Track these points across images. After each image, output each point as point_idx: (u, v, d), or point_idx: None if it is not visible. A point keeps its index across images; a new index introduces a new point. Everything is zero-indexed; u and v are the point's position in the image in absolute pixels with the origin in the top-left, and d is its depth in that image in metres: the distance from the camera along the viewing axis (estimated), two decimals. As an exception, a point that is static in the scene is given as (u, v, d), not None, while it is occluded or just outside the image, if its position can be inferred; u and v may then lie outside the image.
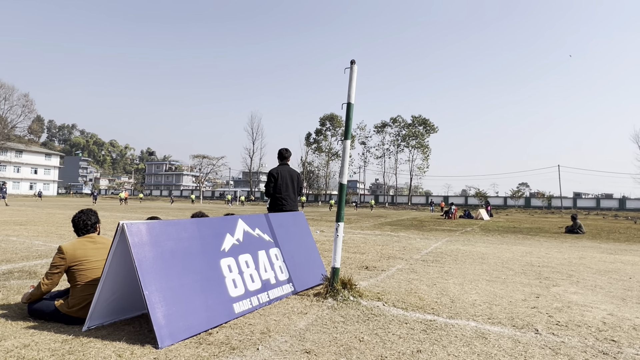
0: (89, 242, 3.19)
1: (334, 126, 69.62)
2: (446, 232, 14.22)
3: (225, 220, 3.88)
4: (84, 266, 3.06)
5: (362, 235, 11.83)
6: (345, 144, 4.31)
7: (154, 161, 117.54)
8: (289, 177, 5.45)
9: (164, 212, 24.28)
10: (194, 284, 3.14)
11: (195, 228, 3.45)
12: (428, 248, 8.82)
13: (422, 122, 64.37)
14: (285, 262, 4.29)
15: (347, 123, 4.33)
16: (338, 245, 4.19)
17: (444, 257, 7.47)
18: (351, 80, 4.31)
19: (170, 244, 3.12)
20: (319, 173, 71.62)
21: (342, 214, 4.26)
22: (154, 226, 3.06)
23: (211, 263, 3.40)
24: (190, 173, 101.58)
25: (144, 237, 2.94)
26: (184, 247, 3.22)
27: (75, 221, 3.28)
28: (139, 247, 2.86)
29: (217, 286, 3.33)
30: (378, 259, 7.00)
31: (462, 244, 9.92)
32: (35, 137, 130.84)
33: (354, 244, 9.15)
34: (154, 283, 2.83)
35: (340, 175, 4.35)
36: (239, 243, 3.83)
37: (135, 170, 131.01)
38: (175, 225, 3.28)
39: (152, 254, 2.93)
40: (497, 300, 4.23)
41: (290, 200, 5.43)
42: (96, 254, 3.15)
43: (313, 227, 14.41)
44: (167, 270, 2.97)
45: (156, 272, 2.88)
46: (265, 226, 4.34)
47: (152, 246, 2.96)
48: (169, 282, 2.94)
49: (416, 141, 64.00)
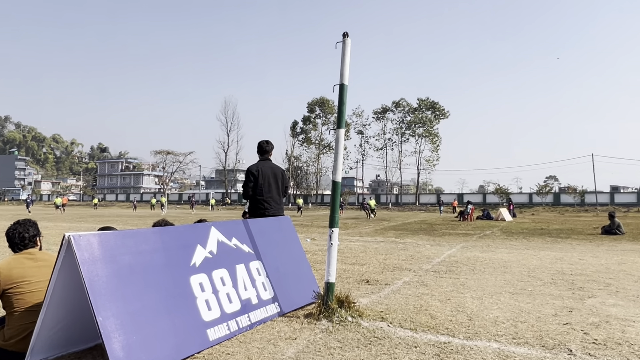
0: (28, 260, 3.15)
1: (325, 113, 69.67)
2: (461, 236, 14.34)
3: (195, 228, 3.86)
4: (23, 289, 3.02)
5: (361, 242, 11.88)
6: (338, 134, 4.30)
7: (107, 159, 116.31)
8: (272, 175, 5.44)
9: (122, 220, 24.08)
10: (159, 306, 3.11)
11: (159, 239, 3.42)
12: (440, 256, 8.90)
13: (430, 106, 64.76)
14: (269, 277, 4.28)
15: (340, 109, 4.32)
16: (332, 256, 4.19)
17: (459, 266, 7.53)
18: (344, 57, 4.31)
19: (129, 258, 3.09)
20: (307, 169, 71.66)
21: (336, 218, 4.27)
22: (107, 238, 3.03)
23: (179, 281, 3.38)
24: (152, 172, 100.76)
25: (96, 251, 2.91)
26: (145, 262, 3.20)
27: (10, 235, 3.24)
28: (90, 263, 2.83)
29: (187, 309, 3.31)
30: (381, 270, 7.04)
31: (480, 251, 10.02)
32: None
33: (351, 254, 9.18)
34: (110, 307, 2.80)
35: (334, 172, 4.35)
36: (212, 256, 3.80)
37: (85, 171, 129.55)
38: (134, 237, 3.24)
39: (106, 271, 2.90)
40: (523, 317, 4.28)
41: (273, 203, 5.42)
42: (37, 274, 3.11)
43: (302, 234, 14.42)
44: (125, 291, 2.94)
45: (112, 293, 2.86)
46: (244, 235, 4.32)
47: (106, 262, 2.93)
48: (127, 305, 2.91)
49: (424, 129, 64.39)
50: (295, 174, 69.97)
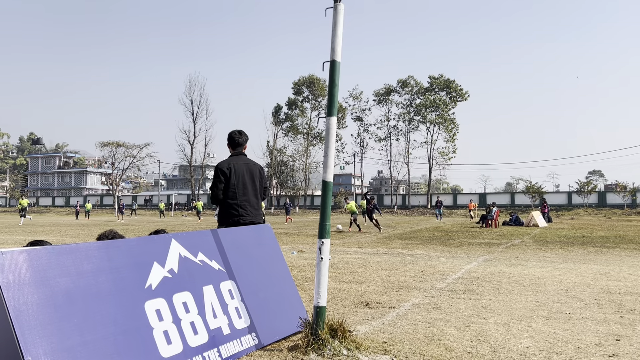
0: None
1: (315, 95, 69.80)
2: (484, 246, 14.42)
3: (151, 242, 3.83)
4: None
5: (360, 255, 11.91)
6: (329, 123, 4.30)
7: (41, 153, 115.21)
8: (248, 173, 5.43)
9: (59, 230, 23.89)
10: (105, 340, 3.09)
11: (105, 256, 3.39)
12: (457, 272, 8.94)
13: (444, 86, 65.19)
14: (244, 301, 4.27)
15: (332, 91, 4.31)
16: (323, 274, 4.19)
17: (480, 284, 7.58)
18: (336, 28, 4.30)
19: (66, 281, 3.06)
20: (294, 165, 71.72)
21: (327, 225, 4.26)
22: (38, 256, 3.00)
23: (130, 308, 3.35)
24: (98, 170, 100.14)
25: (24, 272, 2.87)
26: (87, 285, 3.17)
27: None
28: (16, 288, 2.80)
29: (141, 342, 3.29)
30: (384, 290, 7.06)
31: (507, 264, 10.08)
32: None
33: (348, 269, 9.20)
34: (41, 344, 2.77)
35: (324, 170, 4.34)
36: (172, 276, 3.78)
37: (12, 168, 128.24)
38: (73, 253, 3.21)
39: (36, 298, 2.87)
40: (560, 347, 4.31)
41: (250, 208, 5.42)
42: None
43: (287, 245, 14.41)
44: (61, 323, 2.91)
45: (44, 325, 2.83)
46: (214, 248, 4.30)
47: (37, 286, 2.90)
48: (65, 340, 2.88)
49: (437, 114, 64.82)
50: (278, 170, 69.99)
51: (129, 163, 75.31)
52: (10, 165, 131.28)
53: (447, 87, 65.04)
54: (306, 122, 70.77)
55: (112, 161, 75.50)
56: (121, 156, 74.18)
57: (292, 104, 70.73)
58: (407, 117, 66.76)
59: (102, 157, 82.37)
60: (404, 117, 67.06)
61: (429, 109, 64.88)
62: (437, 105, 64.30)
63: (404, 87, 66.74)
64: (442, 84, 65.10)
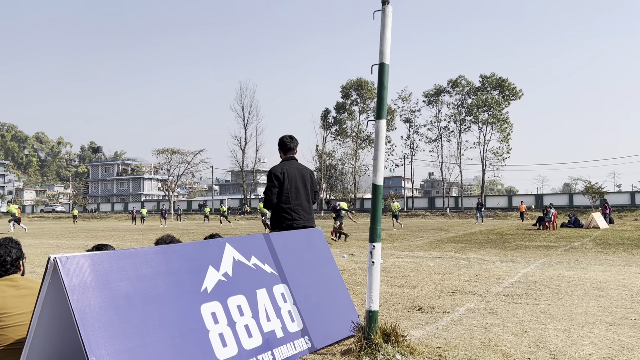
0: (10, 288, 3.27)
1: (364, 98, 69.70)
2: (541, 249, 14.04)
3: (206, 246, 3.92)
4: (3, 322, 3.13)
5: (412, 259, 11.80)
6: (378, 126, 4.28)
7: (101, 161, 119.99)
8: (300, 178, 5.47)
9: (119, 235, 24.79)
10: (163, 343, 3.17)
11: (162, 260, 3.49)
12: (514, 276, 8.74)
13: (497, 84, 63.66)
14: (297, 304, 4.30)
15: (381, 94, 4.30)
16: (375, 278, 4.17)
17: (539, 288, 7.38)
18: (384, 30, 4.28)
19: (126, 285, 3.16)
20: (343, 168, 71.78)
21: (378, 229, 4.25)
22: (100, 260, 3.11)
23: (187, 311, 3.43)
24: (155, 176, 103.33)
25: (87, 277, 2.99)
26: (145, 288, 3.26)
27: None
28: (80, 292, 2.91)
29: (198, 345, 3.36)
30: (437, 295, 6.97)
31: (566, 268, 9.79)
32: None
33: (400, 273, 9.14)
34: (105, 344, 2.87)
35: (374, 173, 4.33)
36: (227, 279, 3.85)
37: (74, 176, 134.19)
38: (132, 258, 3.32)
39: (99, 301, 2.97)
40: (625, 354, 4.15)
41: (302, 212, 5.46)
42: (20, 305, 3.22)
43: (337, 249, 14.45)
44: (122, 325, 3.01)
45: (107, 327, 2.93)
46: (266, 252, 4.35)
47: (99, 290, 3.01)
48: (125, 341, 2.98)
49: (489, 113, 63.32)
50: (327, 174, 70.20)
51: (184, 169, 77.23)
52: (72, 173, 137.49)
53: (499, 86, 63.47)
54: (355, 125, 70.69)
55: (167, 168, 77.66)
56: (176, 163, 76.17)
57: (340, 108, 70.83)
58: (459, 118, 65.54)
59: (158, 164, 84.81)
60: (455, 118, 65.89)
61: (481, 109, 63.44)
62: (489, 105, 62.80)
63: (454, 87, 65.58)
64: (495, 83, 63.58)
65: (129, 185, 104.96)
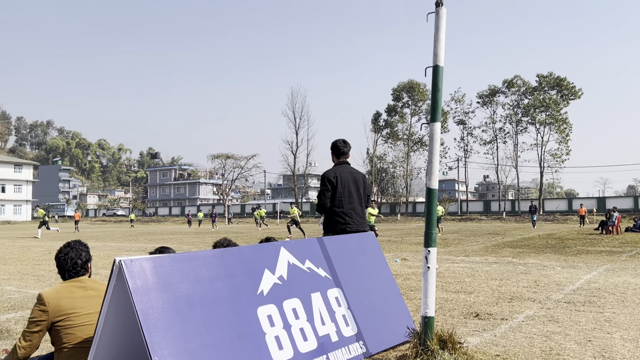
0: (78, 289, 3.40)
1: (415, 100, 68.88)
2: (604, 255, 13.48)
3: (262, 250, 3.98)
4: (72, 322, 3.27)
5: (467, 264, 11.58)
6: (433, 129, 4.24)
7: (159, 166, 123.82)
8: (353, 182, 5.47)
9: (176, 238, 25.48)
10: (222, 345, 3.24)
11: (220, 263, 3.57)
12: (575, 282, 8.44)
13: (554, 84, 61.47)
14: (351, 309, 4.30)
15: (435, 96, 4.25)
16: (430, 283, 4.12)
17: (603, 296, 7.10)
18: (438, 32, 4.24)
19: (186, 287, 3.25)
20: (394, 172, 71.11)
21: (433, 234, 4.19)
22: (161, 263, 3.22)
23: (244, 313, 3.49)
24: (210, 181, 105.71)
25: (149, 278, 3.09)
26: (204, 291, 3.35)
27: (62, 259, 3.47)
28: (143, 293, 3.02)
29: (255, 347, 3.41)
30: (495, 301, 6.81)
31: (632, 274, 9.40)
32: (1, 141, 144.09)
33: (455, 279, 8.99)
34: (167, 345, 2.96)
35: (428, 176, 4.28)
36: (282, 283, 3.90)
37: (134, 181, 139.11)
38: (192, 261, 3.41)
39: (161, 302, 3.07)
40: (699, 367, 3.91)
41: (356, 216, 5.44)
42: (87, 305, 3.35)
43: (390, 253, 14.34)
44: (182, 326, 3.10)
45: (168, 328, 3.02)
46: (320, 256, 4.38)
47: (161, 292, 3.11)
48: (186, 342, 3.06)
49: (547, 114, 61.22)
50: (378, 177, 69.76)
51: (238, 174, 78.67)
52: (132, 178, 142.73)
53: (557, 86, 61.26)
54: (406, 128, 69.96)
55: (222, 172, 79.34)
56: (230, 167, 77.74)
57: (391, 111, 70.26)
58: (515, 119, 63.72)
59: (213, 168, 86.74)
60: (510, 119, 64.10)
61: (539, 109, 61.41)
62: (547, 105, 60.72)
63: (510, 87, 63.84)
64: (552, 82, 61.42)
65: (185, 189, 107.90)
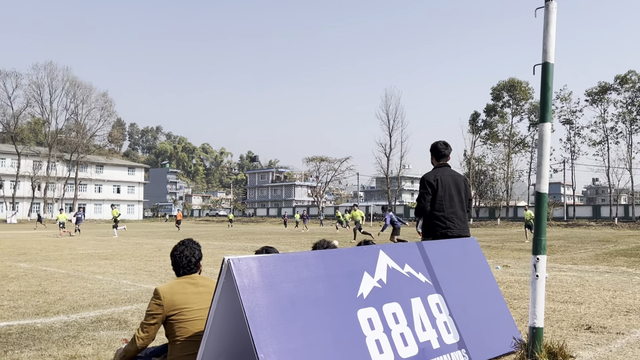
0: (190, 285, 3.62)
1: (516, 99, 66.03)
2: None
3: (361, 252, 3.98)
4: (184, 316, 3.48)
5: (575, 272, 10.91)
6: (542, 130, 4.04)
7: (257, 169, 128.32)
8: (454, 185, 5.32)
9: (273, 239, 26.23)
10: (324, 345, 3.27)
11: (321, 264, 3.61)
12: None
13: (676, 78, 56.26)
14: (452, 315, 4.20)
15: (545, 95, 4.05)
16: (539, 293, 3.93)
17: None
18: (548, 28, 4.05)
19: (289, 287, 3.33)
20: (494, 174, 68.48)
21: (542, 241, 3.99)
22: (267, 262, 3.31)
23: (344, 315, 3.51)
24: (305, 183, 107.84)
25: (255, 277, 3.19)
26: (306, 291, 3.40)
27: (177, 257, 3.70)
28: (250, 291, 3.12)
29: (355, 350, 3.41)
30: (608, 313, 6.36)
31: None
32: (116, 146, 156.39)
33: (562, 288, 8.52)
34: (271, 343, 3.04)
35: (538, 179, 4.09)
36: (382, 286, 3.87)
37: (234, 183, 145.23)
38: (294, 261, 3.49)
39: (266, 301, 3.16)
40: None
41: (457, 220, 5.29)
42: (198, 301, 3.55)
43: (490, 259, 13.81)
44: (286, 325, 3.17)
45: (273, 326, 3.10)
46: (420, 261, 4.32)
47: (266, 290, 3.20)
48: (290, 341, 3.12)
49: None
50: (477, 180, 67.49)
51: (331, 176, 79.71)
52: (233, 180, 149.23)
53: (679, 80, 56.15)
54: (507, 129, 67.20)
55: (316, 175, 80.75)
56: (324, 170, 78.97)
57: (490, 111, 67.87)
58: (629, 117, 59.10)
59: (308, 171, 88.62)
60: (624, 118, 59.53)
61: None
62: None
63: (622, 84, 59.34)
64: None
65: (282, 191, 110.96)
